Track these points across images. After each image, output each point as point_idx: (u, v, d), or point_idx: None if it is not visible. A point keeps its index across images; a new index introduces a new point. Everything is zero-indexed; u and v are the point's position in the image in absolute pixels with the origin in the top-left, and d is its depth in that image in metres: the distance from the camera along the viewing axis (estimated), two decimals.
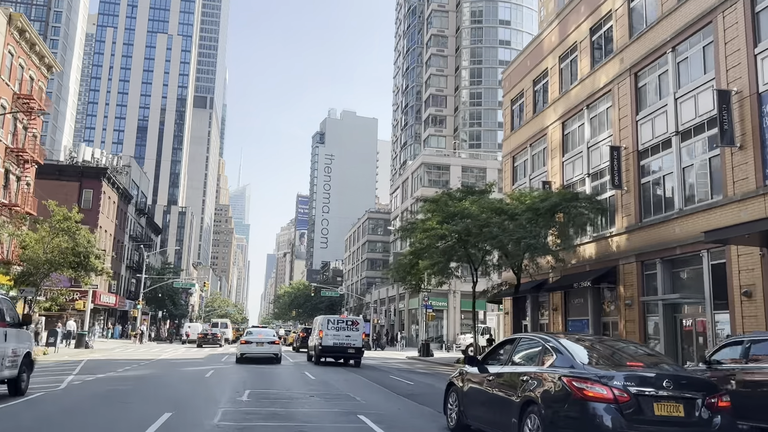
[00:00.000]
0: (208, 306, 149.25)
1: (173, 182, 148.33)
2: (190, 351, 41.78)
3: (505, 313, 40.57)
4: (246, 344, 28.99)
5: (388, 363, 34.18)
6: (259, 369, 23.96)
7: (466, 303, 63.48)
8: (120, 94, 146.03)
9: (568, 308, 32.84)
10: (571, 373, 7.35)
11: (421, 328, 47.70)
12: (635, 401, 6.93)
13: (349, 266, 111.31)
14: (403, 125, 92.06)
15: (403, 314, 71.47)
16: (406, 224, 33.82)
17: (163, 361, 27.88)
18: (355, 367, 28.17)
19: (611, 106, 29.61)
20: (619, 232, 27.81)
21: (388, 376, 22.68)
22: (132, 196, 71.12)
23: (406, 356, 44.50)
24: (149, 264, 78.17)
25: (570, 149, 33.56)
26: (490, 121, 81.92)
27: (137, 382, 17.14)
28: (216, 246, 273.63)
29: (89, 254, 29.30)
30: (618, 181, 27.67)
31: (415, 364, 34.04)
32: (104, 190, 59.35)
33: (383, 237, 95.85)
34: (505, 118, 43.43)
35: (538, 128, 37.09)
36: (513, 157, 40.68)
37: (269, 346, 29.14)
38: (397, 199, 77.22)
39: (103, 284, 61.20)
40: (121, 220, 68.24)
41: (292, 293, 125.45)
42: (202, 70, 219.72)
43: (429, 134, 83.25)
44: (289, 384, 17.76)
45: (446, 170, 64.96)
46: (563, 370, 7.50)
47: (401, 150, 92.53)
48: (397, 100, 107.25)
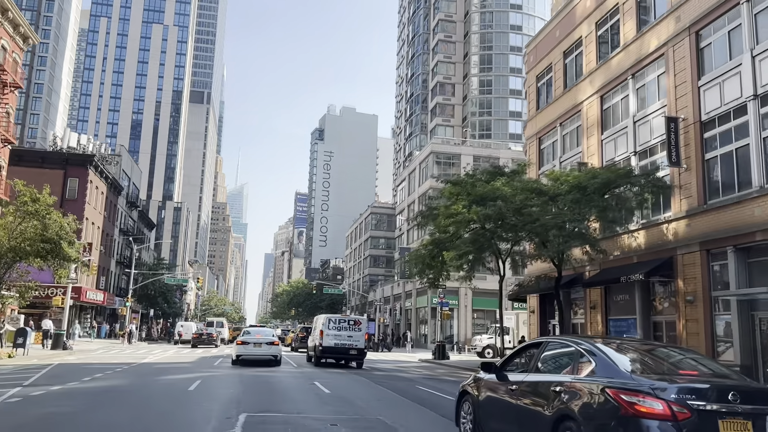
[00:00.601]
0: (205, 305, 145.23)
1: (168, 177, 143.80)
2: (180, 353, 37.78)
3: (530, 311, 36.61)
4: (243, 345, 26.67)
5: (402, 368, 30.22)
6: (257, 377, 19.99)
7: (479, 301, 59.56)
8: (114, 86, 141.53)
9: (609, 306, 28.91)
10: (618, 384, 6.50)
11: (435, 328, 43.68)
12: (696, 418, 6.06)
13: (351, 264, 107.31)
14: (408, 115, 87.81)
15: (409, 313, 67.51)
16: (426, 210, 29.64)
17: (144, 367, 23.86)
18: (357, 369, 26.67)
19: (664, 72, 25.69)
20: (676, 216, 23.86)
21: (415, 387, 18.72)
22: (122, 188, 67.03)
23: (418, 359, 40.55)
24: (141, 260, 74.08)
25: (610, 125, 29.63)
26: (501, 109, 77.98)
27: (95, 399, 13.12)
28: (213, 244, 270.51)
29: (61, 240, 25.22)
30: (676, 157, 23.73)
31: (435, 369, 30.05)
32: (91, 179, 55.29)
33: (387, 233, 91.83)
34: (528, 96, 39.45)
35: (569, 104, 33.18)
36: (539, 138, 36.74)
37: (268, 347, 26.83)
38: (403, 192, 73.21)
39: (90, 280, 57.15)
40: (111, 212, 64.16)
41: (290, 292, 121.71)
42: (199, 65, 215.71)
43: (436, 124, 79.07)
44: (297, 400, 13.81)
45: (457, 159, 61.01)
46: (606, 380, 6.67)
47: (406, 141, 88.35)
48: (400, 90, 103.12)
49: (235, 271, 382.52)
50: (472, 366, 31.79)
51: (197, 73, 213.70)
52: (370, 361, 34.88)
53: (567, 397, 6.93)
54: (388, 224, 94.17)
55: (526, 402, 7.68)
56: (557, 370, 7.76)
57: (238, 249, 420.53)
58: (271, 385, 17.26)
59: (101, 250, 60.63)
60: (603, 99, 30.40)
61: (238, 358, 26.24)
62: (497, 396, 8.44)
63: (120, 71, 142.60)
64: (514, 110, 77.84)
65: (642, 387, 6.33)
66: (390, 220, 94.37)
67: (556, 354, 8.19)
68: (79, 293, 51.89)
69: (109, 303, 61.71)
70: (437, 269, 30.15)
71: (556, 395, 7.09)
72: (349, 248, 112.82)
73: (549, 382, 7.40)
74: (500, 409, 8.33)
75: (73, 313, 54.81)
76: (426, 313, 60.90)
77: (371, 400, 14.56)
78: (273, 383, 17.76)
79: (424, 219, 29.52)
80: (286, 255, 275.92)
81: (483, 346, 45.24)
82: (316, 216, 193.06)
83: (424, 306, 61.44)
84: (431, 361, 37.45)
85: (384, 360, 37.92)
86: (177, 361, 28.31)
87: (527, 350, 9.03)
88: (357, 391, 16.54)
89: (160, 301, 69.19)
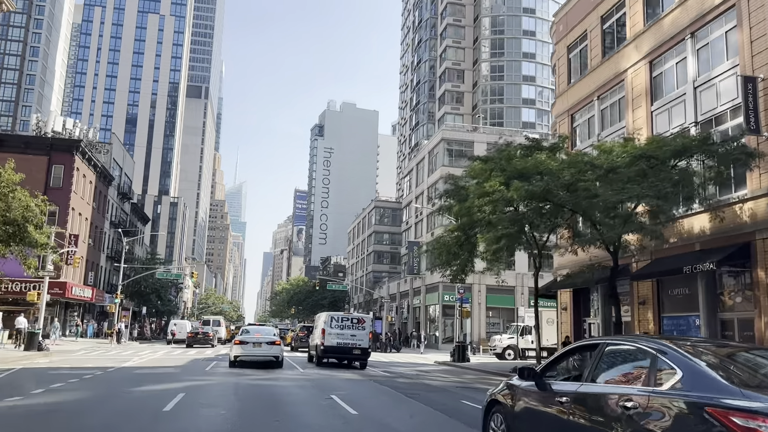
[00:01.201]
0: (202, 303, 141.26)
1: (165, 172, 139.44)
2: (171, 354, 33.98)
3: (562, 308, 32.80)
4: (241, 345, 24.17)
5: (423, 372, 26.43)
6: (257, 388, 16.23)
7: (493, 299, 55.73)
8: (108, 77, 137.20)
9: (663, 301, 25.14)
10: (726, 403, 4.82)
11: (447, 327, 39.90)
12: None
13: (353, 260, 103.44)
14: (414, 104, 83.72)
15: (417, 311, 63.67)
16: (452, 188, 25.65)
17: (121, 373, 20.05)
18: (360, 369, 25.34)
19: (734, 26, 21.89)
20: (754, 194, 20.10)
21: (458, 402, 14.90)
22: (113, 178, 63.10)
23: (434, 361, 36.75)
24: (134, 255, 70.22)
25: (663, 94, 25.87)
26: (513, 96, 74.01)
27: (18, 429, 9.26)
28: (211, 242, 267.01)
29: (26, 223, 21.39)
30: (755, 123, 19.95)
31: (462, 375, 26.24)
32: (77, 166, 51.41)
33: (391, 227, 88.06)
34: (558, 70, 35.61)
35: (609, 75, 29.41)
36: (571, 116, 32.93)
37: (269, 347, 24.38)
38: (410, 183, 69.32)
39: (77, 275, 53.33)
40: (100, 203, 60.27)
41: (290, 290, 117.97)
42: (197, 59, 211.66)
43: (445, 112, 75.11)
44: (316, 427, 9.96)
45: (469, 147, 57.13)
46: (703, 396, 5.02)
47: (412, 132, 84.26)
48: (405, 80, 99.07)
49: (234, 270, 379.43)
50: (500, 369, 27.98)
51: (195, 67, 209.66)
52: (382, 364, 31.10)
53: (644, 417, 5.48)
54: (393, 219, 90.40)
55: (582, 420, 6.24)
56: (625, 381, 6.28)
57: (237, 247, 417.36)
58: (275, 401, 13.42)
59: (90, 243, 56.80)
60: (653, 65, 26.61)
61: (235, 359, 23.84)
62: (539, 409, 7.05)
63: (115, 62, 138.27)
64: (528, 97, 73.98)
65: (760, 407, 4.71)
66: (395, 214, 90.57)
67: (621, 359, 6.67)
68: (63, 289, 48.10)
69: (98, 300, 57.84)
70: (464, 259, 26.23)
71: (627, 413, 5.63)
72: (352, 244, 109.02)
73: (615, 396, 5.93)
74: (545, 425, 6.87)
75: (57, 311, 51.00)
76: (436, 311, 57.08)
77: (415, 423, 10.77)
78: (278, 398, 13.93)
79: (450, 200, 25.55)
80: (285, 253, 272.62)
81: (503, 346, 41.48)
82: (315, 213, 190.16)
83: (434, 303, 57.61)
84: (451, 363, 33.63)
85: (397, 362, 34.12)
86: (163, 364, 24.47)
87: (577, 353, 7.80)
88: (391, 410, 12.71)
89: (153, 298, 65.22)
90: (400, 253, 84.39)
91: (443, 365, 33.40)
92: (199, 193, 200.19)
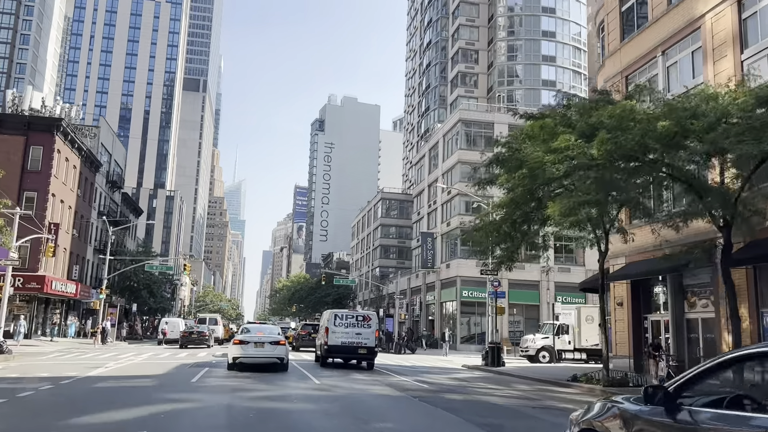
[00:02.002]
0: (200, 300, 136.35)
1: (161, 164, 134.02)
2: (157, 357, 29.16)
3: (617, 303, 27.91)
4: (241, 345, 21.43)
5: (463, 382, 21.60)
6: (262, 414, 11.42)
7: (516, 294, 50.94)
8: (102, 66, 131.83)
9: (763, 294, 20.29)
10: None
11: (487, 325, 34.99)
12: None
13: (358, 255, 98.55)
14: (424, 89, 78.49)
15: (430, 309, 58.79)
16: (507, 152, 20.22)
17: (77, 386, 15.19)
18: (368, 370, 24.05)
19: None
20: None
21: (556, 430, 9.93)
22: (100, 164, 58.11)
23: (462, 365, 31.91)
24: (125, 248, 65.31)
25: (757, 39, 21.00)
26: (532, 78, 68.95)
27: None
28: (210, 240, 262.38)
29: None
30: None
31: (510, 384, 21.34)
32: (58, 147, 46.51)
33: (398, 220, 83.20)
34: (607, 27, 30.69)
35: (679, 23, 24.60)
36: (626, 77, 28.05)
37: (272, 348, 21.56)
38: (422, 171, 64.31)
39: (59, 268, 48.48)
40: (86, 191, 55.34)
41: (291, 287, 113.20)
42: (195, 51, 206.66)
43: (458, 95, 69.92)
44: None
45: (489, 128, 52.24)
46: None
47: (421, 117, 79.04)
48: (413, 65, 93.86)
49: (233, 268, 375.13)
50: (552, 377, 23.10)
51: (193, 60, 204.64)
52: (407, 369, 26.30)
53: None
54: (400, 212, 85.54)
55: None
56: None
57: (236, 246, 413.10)
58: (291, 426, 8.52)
59: (74, 233, 51.88)
60: (741, 4, 21.77)
61: (234, 361, 21.21)
62: None
63: (108, 51, 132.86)
64: (548, 79, 68.94)
65: None
66: (402, 207, 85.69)
67: None
68: (42, 283, 43.24)
69: (83, 296, 52.86)
70: (517, 241, 21.13)
71: None
72: (356, 239, 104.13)
73: None
74: None
75: (35, 308, 46.13)
76: (453, 308, 52.17)
77: None
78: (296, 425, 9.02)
79: (499, 168, 20.51)
80: (285, 251, 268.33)
81: (536, 347, 36.61)
82: (316, 210, 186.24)
83: (450, 300, 52.70)
84: (485, 368, 28.75)
85: (421, 367, 29.30)
86: (140, 373, 19.58)
87: (742, 367, 4.91)
88: None
89: (144, 294, 60.22)
90: (411, 246, 79.57)
91: (477, 370, 28.52)
92: (197, 189, 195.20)
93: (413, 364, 30.95)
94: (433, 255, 55.22)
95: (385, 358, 35.80)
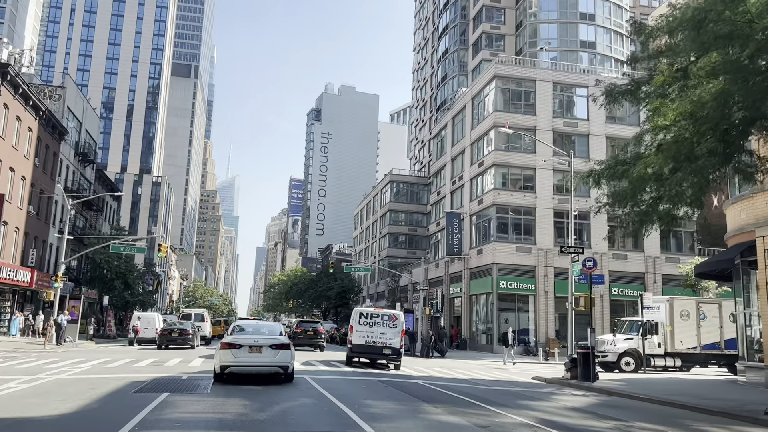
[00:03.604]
0: (189, 295, 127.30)
1: (147, 148, 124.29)
2: (106, 366, 20.56)
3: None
4: (231, 350, 15.51)
5: (572, 410, 13.00)
6: None
7: (563, 285, 42.27)
8: (83, 42, 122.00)
9: None
10: None
11: (569, 324, 26.21)
12: None
13: (361, 246, 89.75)
14: (440, 55, 69.07)
15: (455, 303, 50.11)
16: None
17: None
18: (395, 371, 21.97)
19: None
20: None
21: None
22: (66, 131, 49.06)
23: (535, 377, 23.30)
24: (99, 231, 56.27)
25: None
26: (568, 39, 60.20)
27: None
28: (202, 234, 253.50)
29: None
30: None
31: (674, 420, 12.59)
32: (5, 101, 37.59)
33: (410, 205, 74.56)
34: None
35: None
36: None
37: (272, 354, 15.61)
38: (443, 143, 55.37)
39: (9, 252, 39.61)
40: (48, 161, 46.38)
41: (287, 281, 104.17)
42: (186, 35, 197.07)
43: (482, 59, 60.79)
44: None
45: (530, 87, 43.55)
46: None
47: (437, 88, 69.95)
48: (424, 34, 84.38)
49: (226, 264, 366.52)
50: (717, 405, 14.41)
51: (183, 44, 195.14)
52: (467, 387, 17.78)
53: None
54: (410, 196, 76.92)
55: None
56: None
57: (230, 242, 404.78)
58: None
59: (30, 211, 42.95)
60: None
61: (223, 372, 15.68)
62: None
63: (91, 25, 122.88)
64: (586, 39, 60.40)
65: None
66: (413, 191, 77.05)
67: None
68: None
69: (42, 286, 43.87)
70: (681, 191, 12.43)
71: None
72: (359, 228, 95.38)
73: None
74: None
75: None
76: (488, 302, 43.47)
77: None
78: None
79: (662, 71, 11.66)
80: (279, 246, 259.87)
81: (618, 352, 28.05)
82: (312, 203, 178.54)
83: (483, 292, 44.00)
84: (576, 384, 20.09)
85: (481, 380, 20.81)
86: (32, 410, 10.71)
87: None
88: None
89: (118, 285, 51.24)
90: (422, 234, 70.89)
91: (569, 387, 19.89)
92: (188, 179, 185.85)
93: (468, 377, 22.43)
94: (460, 239, 46.53)
95: (414, 364, 27.38)
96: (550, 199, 42.96)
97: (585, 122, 44.52)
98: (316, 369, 21.52)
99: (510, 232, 42.91)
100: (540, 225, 42.50)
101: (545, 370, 26.44)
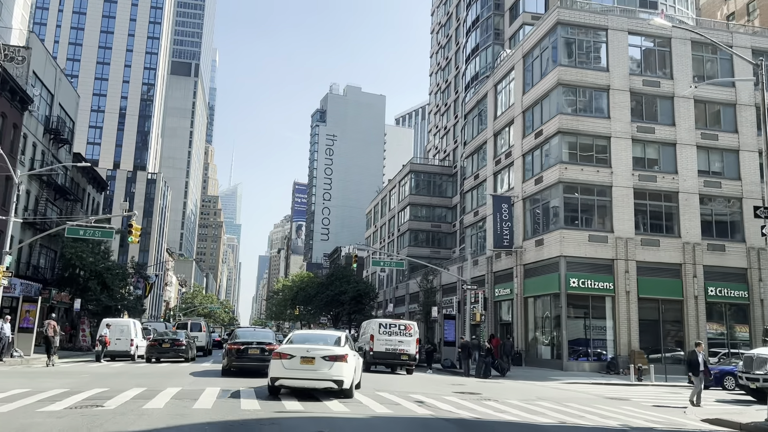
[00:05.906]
0: (187, 302, 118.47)
1: (142, 143, 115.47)
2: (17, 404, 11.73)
3: None
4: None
5: None
6: None
7: (649, 284, 33.50)
8: (73, 29, 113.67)
9: None
10: None
11: (756, 335, 17.36)
12: None
13: (375, 246, 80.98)
14: (470, 24, 60.18)
15: (502, 307, 41.31)
16: None
17: None
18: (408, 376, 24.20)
19: None
20: None
21: None
22: (30, 99, 40.41)
23: (705, 418, 14.48)
24: (72, 221, 47.43)
25: None
26: None
27: None
28: (203, 240, 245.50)
29: None
30: None
31: None
32: None
33: (434, 198, 65.93)
34: None
35: None
36: None
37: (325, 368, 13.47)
38: (483, 116, 46.57)
39: None
40: (4, 134, 37.79)
41: (293, 287, 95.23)
42: (185, 33, 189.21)
43: (522, 23, 51.94)
44: None
45: (599, 37, 34.29)
46: None
47: (467, 63, 61.01)
48: (446, 9, 75.80)
49: (228, 272, 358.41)
50: None
51: (184, 42, 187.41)
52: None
53: None
54: (432, 189, 68.42)
55: None
56: None
57: (232, 250, 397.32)
58: None
59: None
60: None
61: None
62: None
63: (82, 12, 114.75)
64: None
65: None
66: (435, 182, 68.51)
67: None
68: None
69: None
70: None
71: None
72: (372, 227, 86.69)
73: None
74: None
75: None
76: (550, 306, 34.61)
77: None
78: None
79: None
80: (283, 252, 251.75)
81: None
82: (317, 207, 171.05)
83: (543, 293, 35.09)
84: None
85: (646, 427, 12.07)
86: None
87: None
88: None
89: (93, 286, 42.30)
90: (454, 227, 62.15)
91: None
92: (188, 182, 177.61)
93: (609, 425, 13.66)
94: (511, 229, 37.75)
95: (483, 389, 18.69)
96: (629, 175, 34.25)
97: (668, 81, 35.92)
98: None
99: (580, 217, 34.19)
100: (617, 208, 33.75)
101: (712, 407, 17.61)
